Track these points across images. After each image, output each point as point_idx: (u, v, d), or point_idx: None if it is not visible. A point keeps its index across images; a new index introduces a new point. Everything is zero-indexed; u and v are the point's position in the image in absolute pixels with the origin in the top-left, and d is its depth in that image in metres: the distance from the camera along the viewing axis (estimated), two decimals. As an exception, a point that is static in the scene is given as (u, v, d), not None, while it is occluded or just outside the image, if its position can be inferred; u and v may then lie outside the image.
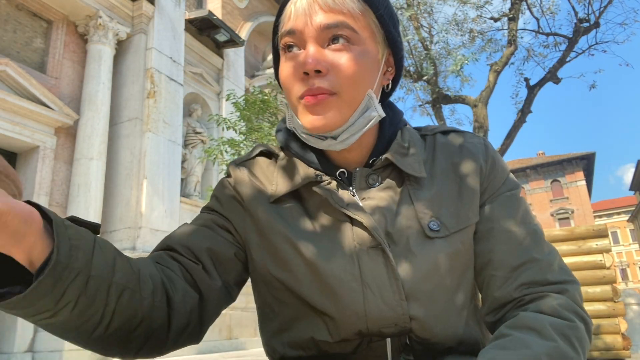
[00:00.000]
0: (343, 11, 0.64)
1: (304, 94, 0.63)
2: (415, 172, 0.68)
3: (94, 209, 6.00)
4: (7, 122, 5.65)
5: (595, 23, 7.67)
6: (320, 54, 0.63)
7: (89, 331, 0.55)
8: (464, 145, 0.73)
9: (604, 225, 2.94)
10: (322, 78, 0.62)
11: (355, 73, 0.63)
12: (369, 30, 0.66)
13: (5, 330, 5.48)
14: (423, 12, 7.95)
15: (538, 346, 0.54)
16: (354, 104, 0.65)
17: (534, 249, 0.66)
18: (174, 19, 7.63)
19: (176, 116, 7.24)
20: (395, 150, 0.70)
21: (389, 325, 0.62)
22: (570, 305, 0.61)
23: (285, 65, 0.66)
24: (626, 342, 2.68)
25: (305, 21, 0.64)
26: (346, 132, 0.66)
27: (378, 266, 0.63)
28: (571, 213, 36.40)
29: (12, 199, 0.46)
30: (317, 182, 0.69)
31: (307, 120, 0.64)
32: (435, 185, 0.69)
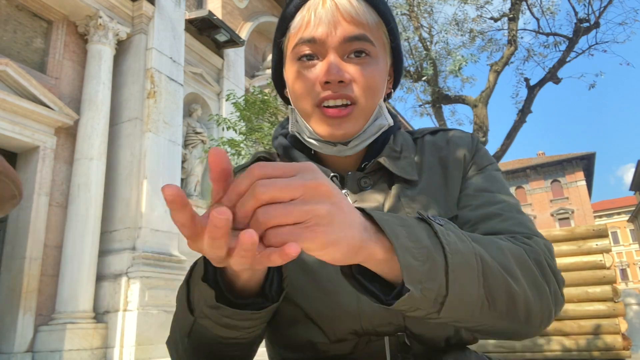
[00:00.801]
0: (363, 23, 0.65)
1: (324, 98, 0.64)
2: (405, 175, 0.70)
3: (94, 209, 6.00)
4: (8, 122, 5.65)
5: (595, 23, 7.67)
6: (342, 65, 0.64)
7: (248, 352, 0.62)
8: (450, 139, 0.75)
9: (604, 225, 2.94)
10: (344, 87, 0.64)
11: (374, 85, 0.66)
12: (382, 42, 0.68)
13: (6, 330, 5.49)
14: (423, 12, 7.95)
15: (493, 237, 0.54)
16: (369, 114, 0.68)
17: (497, 206, 0.65)
18: (174, 19, 7.63)
19: (176, 116, 7.24)
20: (387, 154, 0.71)
21: (383, 324, 0.63)
22: (534, 246, 0.58)
23: (302, 73, 0.67)
24: (626, 342, 2.68)
25: (328, 31, 0.64)
26: (357, 139, 0.68)
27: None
28: (571, 213, 36.39)
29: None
30: None
31: (325, 129, 0.66)
32: (423, 183, 0.70)
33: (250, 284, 0.52)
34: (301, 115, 0.69)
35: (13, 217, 5.85)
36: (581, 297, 2.78)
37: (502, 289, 0.50)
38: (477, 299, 0.48)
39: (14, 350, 5.37)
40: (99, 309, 5.93)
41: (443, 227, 0.48)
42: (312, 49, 0.65)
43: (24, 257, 5.61)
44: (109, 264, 6.12)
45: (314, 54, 0.66)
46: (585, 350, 2.73)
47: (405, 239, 0.43)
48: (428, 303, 0.45)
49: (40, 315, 5.68)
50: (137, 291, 5.74)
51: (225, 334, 0.55)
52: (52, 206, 6.04)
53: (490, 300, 0.49)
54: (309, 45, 0.65)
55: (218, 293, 0.52)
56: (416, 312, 0.46)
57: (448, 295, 0.45)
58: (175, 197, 0.35)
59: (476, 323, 0.51)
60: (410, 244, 0.44)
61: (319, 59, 0.66)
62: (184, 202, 0.35)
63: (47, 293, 5.79)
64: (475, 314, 0.49)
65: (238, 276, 0.51)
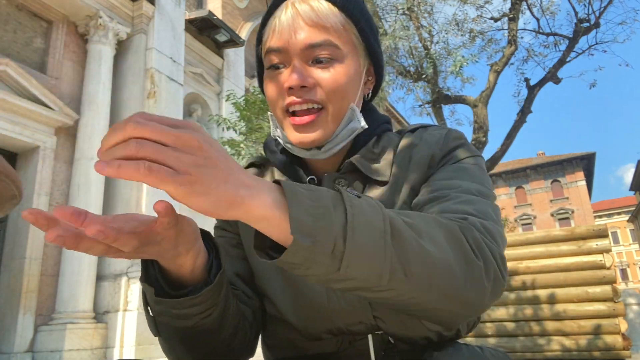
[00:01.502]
0: (326, 25, 0.65)
1: (290, 104, 0.65)
2: (376, 176, 0.69)
3: (94, 209, 6.00)
4: (8, 122, 5.65)
5: (596, 23, 7.67)
6: (305, 70, 0.64)
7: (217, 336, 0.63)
8: (424, 137, 0.72)
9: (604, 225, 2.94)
10: (308, 92, 0.64)
11: (339, 88, 0.65)
12: (351, 44, 0.67)
13: (5, 330, 5.49)
14: (423, 12, 7.95)
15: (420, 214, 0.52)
16: (339, 117, 0.67)
17: (453, 190, 0.62)
18: (174, 19, 7.63)
19: (176, 116, 7.23)
20: (362, 154, 0.71)
21: (354, 323, 0.64)
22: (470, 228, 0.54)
23: (270, 82, 0.68)
24: (626, 343, 2.68)
25: (290, 38, 0.64)
26: (330, 144, 0.68)
27: None
28: (571, 213, 36.40)
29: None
30: None
31: (295, 137, 0.66)
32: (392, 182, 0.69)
33: (195, 274, 0.56)
34: (277, 122, 0.71)
35: (13, 217, 5.85)
36: (581, 297, 2.78)
37: (418, 257, 0.47)
38: (383, 261, 0.45)
39: (14, 350, 5.37)
40: (99, 309, 5.93)
41: (353, 195, 0.47)
42: (278, 57, 0.66)
43: (24, 257, 5.62)
44: (108, 264, 6.12)
45: (279, 63, 0.66)
46: (585, 351, 2.73)
47: (303, 197, 0.43)
48: (324, 256, 0.43)
49: (40, 315, 5.68)
50: (137, 291, 5.74)
51: (182, 324, 0.58)
52: (52, 206, 6.04)
53: (404, 265, 0.46)
54: (274, 55, 0.66)
55: (158, 288, 0.55)
56: (313, 268, 0.44)
57: (346, 250, 0.43)
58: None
59: (391, 290, 0.48)
60: (308, 201, 0.43)
61: (285, 66, 0.66)
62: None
63: (47, 293, 5.79)
64: (385, 278, 0.46)
65: (179, 270, 0.55)
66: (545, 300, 2.79)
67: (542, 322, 2.77)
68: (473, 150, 0.72)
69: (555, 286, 2.79)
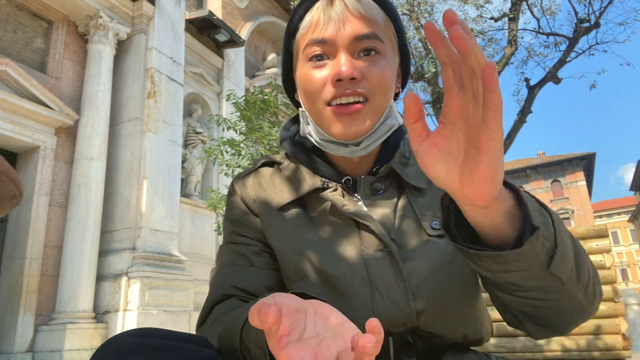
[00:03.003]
0: (372, 20, 0.65)
1: (336, 96, 0.64)
2: (415, 183, 0.71)
3: (94, 209, 6.00)
4: (8, 122, 5.65)
5: (596, 23, 7.67)
6: (354, 62, 0.64)
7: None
8: None
9: (605, 225, 2.94)
10: (355, 84, 0.64)
11: (384, 82, 0.66)
12: (390, 40, 0.69)
13: (6, 330, 5.49)
14: (423, 12, 7.95)
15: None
16: (380, 112, 0.67)
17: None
18: (174, 19, 7.63)
19: (176, 116, 7.24)
20: (398, 159, 0.72)
21: (397, 325, 0.64)
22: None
23: (311, 73, 0.66)
24: (627, 343, 2.68)
25: (337, 30, 0.64)
26: (369, 139, 0.68)
27: (385, 269, 0.64)
28: (571, 213, 36.38)
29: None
30: (323, 188, 0.71)
31: (337, 128, 0.65)
32: (432, 189, 0.71)
33: None
34: (312, 116, 0.69)
35: (13, 217, 5.85)
36: (581, 297, 2.78)
37: (584, 261, 0.53)
38: (572, 262, 0.50)
39: (14, 350, 5.37)
40: (99, 309, 5.93)
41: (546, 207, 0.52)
42: (323, 49, 0.65)
43: (24, 257, 5.61)
44: (109, 263, 6.12)
45: (324, 54, 0.66)
46: (585, 351, 2.73)
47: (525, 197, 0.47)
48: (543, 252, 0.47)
49: (41, 315, 5.68)
50: (137, 291, 5.74)
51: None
52: (52, 206, 6.04)
53: (578, 268, 0.52)
54: (319, 46, 0.65)
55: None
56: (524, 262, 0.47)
57: (557, 248, 0.47)
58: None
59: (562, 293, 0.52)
60: (528, 201, 0.47)
61: (329, 58, 0.65)
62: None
63: (47, 293, 5.79)
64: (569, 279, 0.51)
65: None
66: (545, 300, 2.78)
67: (542, 322, 2.76)
68: None
69: (556, 286, 2.79)
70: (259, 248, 0.73)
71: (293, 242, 0.69)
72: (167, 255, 6.39)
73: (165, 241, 6.49)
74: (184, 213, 7.39)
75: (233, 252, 0.74)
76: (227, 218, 0.77)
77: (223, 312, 0.66)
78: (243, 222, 0.75)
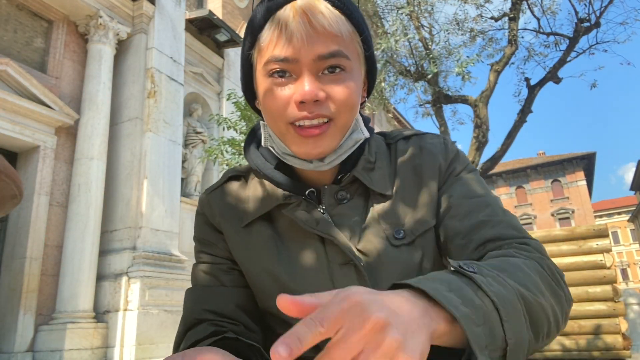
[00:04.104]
0: (337, 35, 0.62)
1: (299, 118, 0.62)
2: (380, 189, 0.69)
3: (94, 208, 6.00)
4: (8, 121, 5.65)
5: (596, 23, 7.66)
6: (318, 84, 0.62)
7: None
8: (424, 147, 0.74)
9: (605, 225, 2.94)
10: (319, 106, 0.62)
11: (349, 100, 0.63)
12: (356, 52, 0.66)
13: (6, 330, 5.49)
14: (424, 11, 7.95)
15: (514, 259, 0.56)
16: (345, 129, 0.66)
17: (485, 212, 0.66)
18: (174, 18, 7.63)
19: (176, 116, 7.24)
20: (362, 166, 0.70)
21: None
22: (532, 251, 0.60)
23: (273, 90, 0.64)
24: (627, 342, 2.68)
25: (300, 48, 0.61)
26: (334, 155, 0.67)
27: (351, 281, 0.65)
28: (572, 213, 36.37)
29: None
30: (285, 204, 0.70)
31: (301, 148, 0.64)
32: (398, 194, 0.70)
33: None
34: (275, 133, 0.67)
35: (13, 217, 5.86)
36: (581, 296, 2.78)
37: (541, 318, 0.52)
38: (526, 337, 0.49)
39: (14, 350, 5.37)
40: (100, 308, 5.93)
41: (482, 277, 0.48)
42: (285, 66, 0.62)
43: (24, 256, 5.62)
44: (109, 263, 6.12)
45: (286, 70, 0.63)
46: (586, 350, 2.73)
47: (461, 306, 0.43)
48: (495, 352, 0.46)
49: (41, 314, 5.69)
50: (137, 291, 5.75)
51: None
52: (53, 206, 6.04)
53: (534, 333, 0.51)
54: (280, 63, 0.62)
55: None
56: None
57: (508, 346, 0.46)
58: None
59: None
60: (467, 310, 0.43)
61: (291, 75, 0.63)
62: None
63: (47, 293, 5.80)
64: (526, 350, 0.50)
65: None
66: (545, 300, 2.78)
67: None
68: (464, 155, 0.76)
69: (556, 286, 2.78)
70: (227, 266, 0.73)
71: (259, 259, 0.69)
72: (168, 255, 6.39)
73: (165, 241, 6.49)
74: (184, 213, 7.39)
75: (202, 272, 0.74)
76: (196, 237, 0.77)
77: (194, 339, 0.66)
78: (210, 240, 0.75)
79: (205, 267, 0.74)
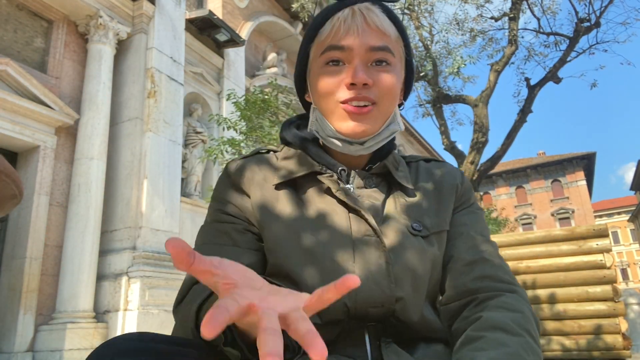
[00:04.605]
0: (387, 34, 0.73)
1: (348, 99, 0.71)
2: (404, 182, 0.78)
3: (94, 208, 6.01)
4: (8, 121, 5.65)
5: (596, 23, 7.66)
6: (368, 70, 0.71)
7: None
8: (444, 170, 0.84)
9: (605, 225, 2.94)
10: (367, 90, 0.71)
11: (392, 89, 0.73)
12: (400, 54, 0.76)
13: (6, 330, 5.49)
14: (423, 11, 7.95)
15: (512, 342, 0.60)
16: (386, 116, 0.75)
17: (488, 252, 0.76)
18: (174, 18, 7.63)
19: (176, 116, 7.24)
20: (390, 161, 0.80)
21: (375, 305, 0.68)
22: (522, 302, 0.68)
23: (327, 75, 0.73)
24: (627, 342, 2.68)
25: (355, 39, 0.71)
26: (373, 140, 0.75)
27: (372, 252, 0.70)
28: (571, 213, 36.37)
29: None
30: (320, 172, 0.77)
31: (348, 126, 0.72)
32: (418, 197, 0.79)
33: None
34: (323, 113, 0.75)
35: (13, 217, 5.86)
36: (581, 296, 2.78)
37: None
38: None
39: (14, 350, 5.38)
40: (100, 308, 5.93)
41: None
42: (340, 55, 0.72)
43: (24, 256, 5.62)
44: (109, 263, 6.12)
45: (340, 60, 0.72)
46: (585, 350, 2.73)
47: None
48: None
49: (41, 314, 5.69)
50: (137, 291, 5.75)
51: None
52: (53, 206, 6.04)
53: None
54: (337, 52, 0.72)
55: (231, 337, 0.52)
56: None
57: None
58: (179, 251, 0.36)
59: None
60: None
61: (344, 64, 0.72)
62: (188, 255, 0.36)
63: (47, 293, 5.80)
64: None
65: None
66: (545, 300, 2.78)
67: (542, 322, 2.77)
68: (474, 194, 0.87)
69: (556, 286, 2.78)
70: (243, 227, 0.75)
71: (284, 220, 0.73)
72: (168, 255, 6.39)
73: (165, 240, 6.48)
74: (184, 213, 7.39)
75: (216, 230, 0.76)
76: (215, 197, 0.80)
77: (200, 291, 0.66)
78: (230, 200, 0.77)
79: (220, 225, 0.76)
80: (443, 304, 0.75)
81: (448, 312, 0.73)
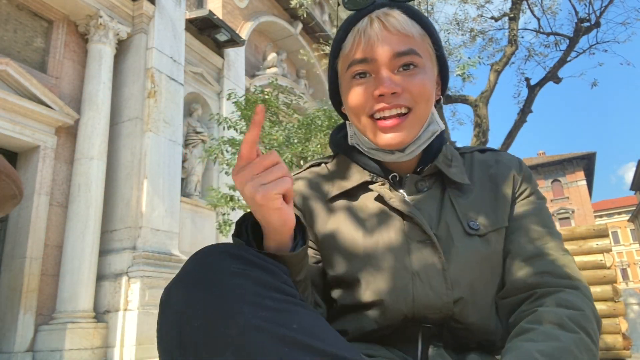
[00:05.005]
0: (409, 36, 0.71)
1: (380, 109, 0.70)
2: (459, 179, 0.76)
3: (94, 208, 6.00)
4: (8, 121, 5.65)
5: (596, 23, 7.67)
6: (393, 78, 0.70)
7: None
8: (500, 160, 0.81)
9: (605, 225, 2.94)
10: (397, 98, 0.70)
11: (425, 92, 0.71)
12: (427, 52, 0.74)
13: (6, 330, 5.49)
14: (423, 11, 7.94)
15: (565, 337, 0.58)
16: (423, 120, 0.73)
17: (550, 246, 0.72)
18: (174, 18, 7.63)
19: (177, 116, 7.24)
20: (441, 160, 0.77)
21: (434, 312, 0.68)
22: (583, 299, 0.66)
23: (356, 89, 0.72)
24: (627, 342, 2.68)
25: (377, 49, 0.69)
26: (413, 145, 0.74)
27: (427, 257, 0.70)
28: (572, 213, 36.37)
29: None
30: (372, 182, 0.77)
31: (383, 139, 0.71)
32: (474, 193, 0.76)
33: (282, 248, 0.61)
34: (358, 128, 0.75)
35: (13, 217, 5.85)
36: (581, 296, 2.78)
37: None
38: None
39: (14, 350, 5.38)
40: (100, 308, 5.93)
41: None
42: (365, 67, 0.71)
43: (24, 256, 5.62)
44: (109, 263, 6.12)
45: (366, 72, 0.71)
46: (586, 350, 2.72)
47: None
48: None
49: (41, 314, 5.69)
50: (137, 291, 5.75)
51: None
52: (53, 206, 6.04)
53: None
54: (361, 65, 0.71)
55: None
56: None
57: None
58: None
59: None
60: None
61: (371, 75, 0.71)
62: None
63: (47, 292, 5.80)
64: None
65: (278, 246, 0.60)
66: (545, 300, 2.78)
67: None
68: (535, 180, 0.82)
69: (556, 286, 2.78)
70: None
71: (341, 230, 0.74)
72: (168, 255, 6.39)
73: (165, 241, 6.49)
74: (185, 212, 7.39)
75: None
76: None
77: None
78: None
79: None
80: (501, 298, 0.73)
81: (506, 307, 0.71)
